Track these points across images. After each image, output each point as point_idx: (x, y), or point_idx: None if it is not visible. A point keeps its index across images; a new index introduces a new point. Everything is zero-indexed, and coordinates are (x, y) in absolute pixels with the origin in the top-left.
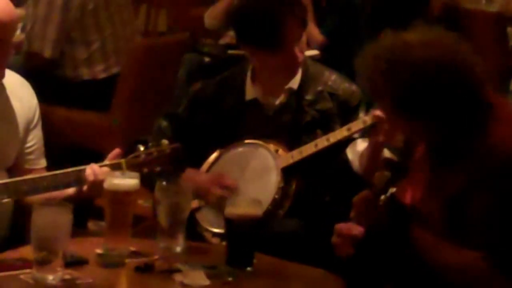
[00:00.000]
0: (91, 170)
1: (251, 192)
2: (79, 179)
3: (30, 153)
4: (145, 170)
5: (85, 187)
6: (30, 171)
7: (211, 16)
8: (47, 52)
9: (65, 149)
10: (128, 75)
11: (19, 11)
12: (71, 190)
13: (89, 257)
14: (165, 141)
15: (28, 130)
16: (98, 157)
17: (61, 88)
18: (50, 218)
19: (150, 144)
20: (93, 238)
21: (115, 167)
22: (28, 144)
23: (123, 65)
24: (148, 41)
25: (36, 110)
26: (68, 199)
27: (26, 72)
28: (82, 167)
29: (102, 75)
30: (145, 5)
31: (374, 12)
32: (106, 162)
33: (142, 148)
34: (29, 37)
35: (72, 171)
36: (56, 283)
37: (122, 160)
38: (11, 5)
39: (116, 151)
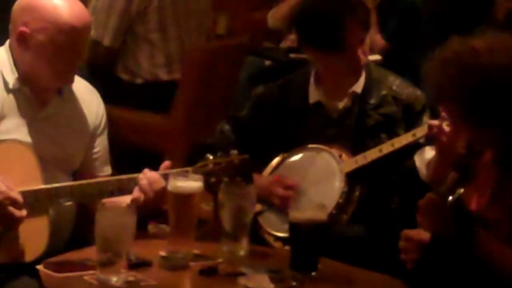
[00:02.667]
0: (146, 180)
1: (315, 197)
2: None
3: (95, 160)
4: (212, 179)
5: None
6: (94, 177)
7: (274, 16)
8: (107, 40)
9: (126, 150)
10: (190, 77)
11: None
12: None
13: (152, 259)
14: (234, 151)
15: (94, 136)
16: (158, 159)
17: (122, 89)
18: (115, 220)
19: (219, 153)
20: (156, 241)
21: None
22: (94, 151)
23: (185, 67)
24: (209, 44)
25: (103, 117)
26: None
27: (88, 65)
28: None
29: (164, 77)
30: (210, 12)
31: (436, 17)
32: (173, 170)
33: (210, 157)
34: (94, 24)
35: (138, 177)
36: (120, 285)
37: (189, 168)
38: (85, 11)
39: (166, 164)
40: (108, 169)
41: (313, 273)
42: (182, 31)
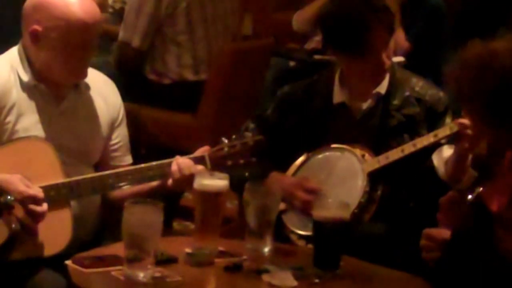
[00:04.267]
0: (177, 166)
1: (337, 196)
2: (163, 173)
3: (115, 150)
4: (229, 163)
5: (169, 181)
6: (116, 168)
7: (299, 19)
8: (136, 42)
9: (153, 149)
10: (216, 77)
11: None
12: (155, 183)
13: (178, 256)
14: (248, 134)
15: (112, 128)
16: None
17: (150, 89)
18: (142, 216)
19: (233, 136)
20: (182, 237)
21: (198, 160)
22: (113, 142)
23: (211, 68)
24: (236, 45)
25: (120, 108)
26: (153, 193)
27: (117, 66)
28: (166, 161)
29: (191, 78)
30: (237, 14)
31: (460, 19)
32: (190, 156)
33: (225, 141)
34: (123, 26)
35: (157, 165)
36: (147, 281)
37: (205, 154)
38: (95, 7)
39: (205, 148)
40: (128, 159)
41: (336, 271)
42: (209, 32)
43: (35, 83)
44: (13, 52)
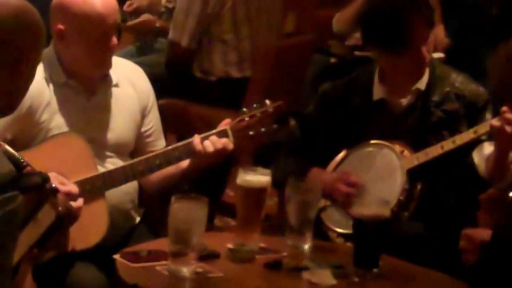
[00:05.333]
0: (198, 139)
1: (377, 193)
2: (189, 151)
3: (148, 136)
4: (251, 132)
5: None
6: (150, 153)
7: (339, 21)
8: (184, 42)
9: None
10: (260, 74)
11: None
12: (184, 164)
13: (220, 251)
14: (267, 101)
15: (144, 114)
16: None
17: (197, 86)
18: (188, 211)
19: (253, 105)
20: (224, 233)
21: (221, 134)
22: (146, 128)
23: (256, 65)
24: (279, 42)
25: (149, 93)
26: (185, 175)
27: (167, 64)
28: (190, 139)
29: (236, 75)
30: (280, 13)
31: (500, 15)
32: (212, 131)
33: (245, 110)
34: (172, 26)
35: (183, 144)
36: (190, 276)
37: (227, 127)
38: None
39: (227, 121)
40: (162, 143)
41: (375, 270)
42: (253, 30)
43: (66, 80)
44: (45, 52)
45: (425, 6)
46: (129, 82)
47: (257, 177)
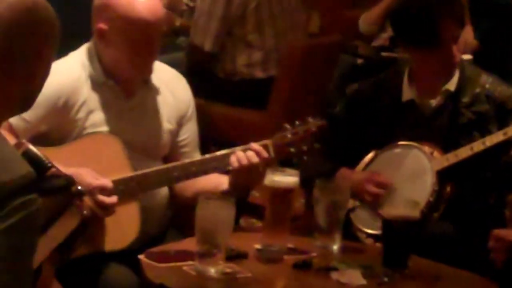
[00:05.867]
0: (235, 157)
1: (406, 194)
2: (227, 164)
3: (184, 146)
4: (292, 149)
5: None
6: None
7: (366, 21)
8: (207, 46)
9: (223, 146)
10: (286, 75)
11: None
12: (224, 186)
13: (248, 252)
14: (311, 119)
15: (181, 123)
16: None
17: (220, 85)
18: (215, 212)
19: (296, 122)
20: (252, 233)
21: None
22: (182, 137)
23: (281, 65)
24: (304, 42)
25: (190, 104)
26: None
27: (188, 68)
28: (229, 151)
29: (260, 75)
30: (302, 11)
31: None
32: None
33: (288, 127)
34: (194, 30)
35: (221, 155)
36: (217, 276)
37: (269, 141)
38: (158, 4)
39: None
40: (197, 155)
41: (404, 270)
42: (277, 29)
43: (104, 80)
44: (84, 49)
45: (457, 5)
46: (169, 89)
47: (285, 178)
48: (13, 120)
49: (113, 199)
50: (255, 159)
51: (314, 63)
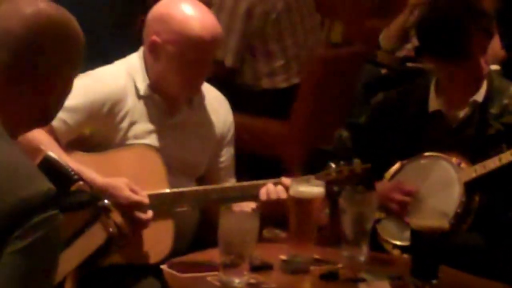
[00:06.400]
0: (265, 190)
1: (433, 205)
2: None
3: (220, 169)
4: (335, 188)
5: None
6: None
7: (386, 38)
8: (228, 61)
9: (245, 155)
10: (308, 84)
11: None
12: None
13: (273, 263)
14: (357, 161)
15: (221, 145)
16: (276, 164)
17: (241, 96)
18: (238, 223)
19: (341, 162)
20: (276, 244)
21: None
22: (220, 159)
23: (304, 75)
24: (327, 52)
25: (230, 127)
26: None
27: (209, 81)
28: (272, 181)
29: (282, 85)
30: (319, 16)
31: None
32: (297, 179)
33: (333, 166)
34: None
35: (263, 184)
36: (242, 287)
37: (312, 177)
38: (215, 23)
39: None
40: (232, 181)
41: (434, 281)
42: (298, 38)
43: (150, 93)
44: (132, 59)
45: (485, 16)
46: (212, 110)
47: (310, 188)
48: (55, 122)
49: (149, 215)
50: (283, 194)
51: (337, 73)
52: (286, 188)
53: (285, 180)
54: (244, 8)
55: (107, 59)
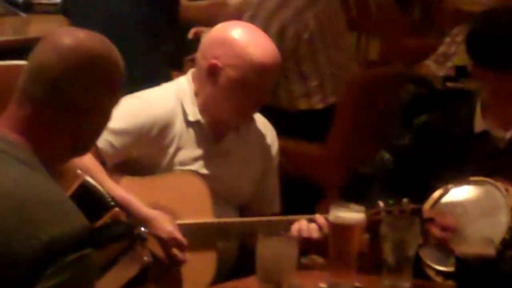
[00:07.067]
0: (297, 226)
1: (479, 231)
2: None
3: (265, 196)
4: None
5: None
6: (263, 214)
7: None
8: None
9: (281, 179)
10: (346, 105)
11: None
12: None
13: None
14: (406, 200)
15: (266, 172)
16: (315, 188)
17: (277, 119)
18: (277, 249)
19: (390, 201)
20: (314, 272)
21: None
22: (264, 187)
23: (341, 95)
24: (366, 72)
25: (275, 156)
26: None
27: None
28: (306, 217)
29: (319, 106)
30: (355, 33)
31: None
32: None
33: (382, 205)
34: None
35: (309, 218)
36: None
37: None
38: (275, 49)
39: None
40: (277, 207)
41: None
42: (332, 57)
43: (198, 118)
44: (181, 83)
45: None
46: (258, 138)
47: (350, 214)
48: (101, 144)
49: (185, 257)
50: (315, 234)
51: (376, 93)
52: (320, 227)
53: (320, 218)
54: (275, 28)
55: (136, 81)
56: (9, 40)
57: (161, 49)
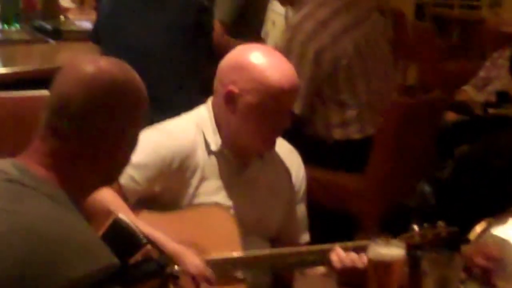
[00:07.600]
0: (337, 257)
1: None
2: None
3: (294, 226)
4: (418, 252)
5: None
6: (292, 244)
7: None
8: (297, 109)
9: (316, 212)
10: (385, 134)
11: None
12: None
13: None
14: (441, 223)
15: (294, 201)
16: (352, 222)
17: (313, 149)
18: (314, 287)
19: (425, 225)
20: None
21: None
22: (293, 216)
23: (380, 124)
24: (404, 99)
25: (302, 182)
26: None
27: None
28: (341, 245)
29: (356, 136)
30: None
31: None
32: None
33: (416, 229)
34: None
35: (351, 245)
36: None
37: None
38: (294, 73)
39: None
40: (306, 237)
41: None
42: (371, 86)
43: (221, 147)
44: (201, 112)
45: None
46: (284, 165)
47: (390, 250)
48: (123, 180)
49: None
50: (360, 264)
51: (416, 121)
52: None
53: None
54: (312, 52)
55: (167, 111)
56: (37, 70)
57: (198, 76)
